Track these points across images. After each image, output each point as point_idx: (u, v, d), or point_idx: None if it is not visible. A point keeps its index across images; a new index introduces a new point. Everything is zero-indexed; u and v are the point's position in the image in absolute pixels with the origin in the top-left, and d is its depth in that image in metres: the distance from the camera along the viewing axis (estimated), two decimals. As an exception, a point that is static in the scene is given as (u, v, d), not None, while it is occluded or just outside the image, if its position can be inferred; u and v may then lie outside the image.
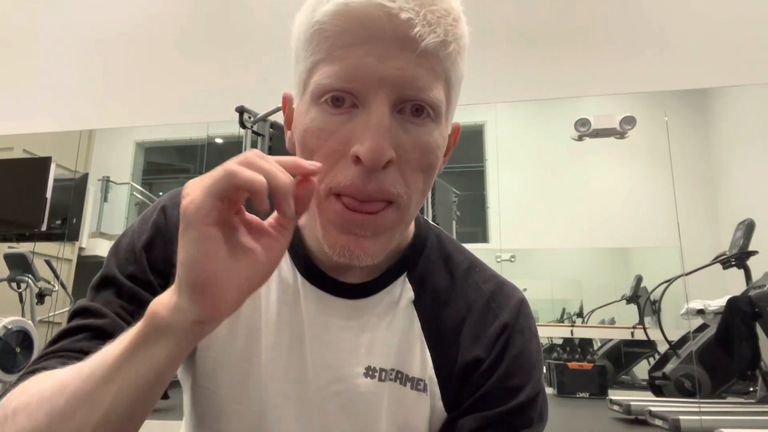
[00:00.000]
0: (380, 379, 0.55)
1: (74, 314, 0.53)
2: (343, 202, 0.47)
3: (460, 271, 0.60)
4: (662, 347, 4.28)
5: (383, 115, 0.45)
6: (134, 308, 0.53)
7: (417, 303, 0.57)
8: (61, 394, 0.39)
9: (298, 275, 0.57)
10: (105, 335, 0.50)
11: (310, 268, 0.56)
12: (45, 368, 0.48)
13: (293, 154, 0.52)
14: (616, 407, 3.65)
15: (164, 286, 0.54)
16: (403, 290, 0.57)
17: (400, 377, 0.55)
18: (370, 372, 0.55)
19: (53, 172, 3.26)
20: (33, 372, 0.48)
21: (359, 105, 0.46)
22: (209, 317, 0.39)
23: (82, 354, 0.49)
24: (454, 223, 3.82)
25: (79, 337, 0.51)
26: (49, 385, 0.41)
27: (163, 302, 0.39)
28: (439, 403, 0.56)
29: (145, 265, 0.54)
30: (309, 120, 0.48)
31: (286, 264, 0.57)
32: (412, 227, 0.61)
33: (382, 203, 0.47)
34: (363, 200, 0.46)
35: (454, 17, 0.47)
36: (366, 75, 0.45)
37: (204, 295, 0.38)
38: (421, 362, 0.56)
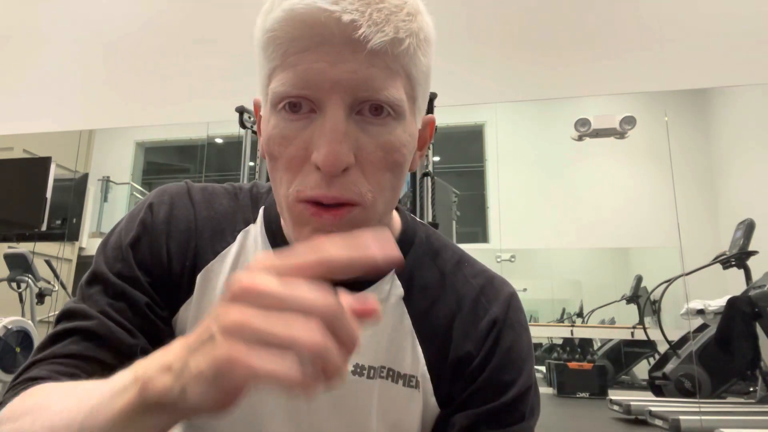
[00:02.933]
0: (369, 377, 0.55)
1: (62, 317, 0.52)
2: (312, 204, 0.47)
3: (449, 267, 0.60)
4: (662, 347, 4.28)
5: (338, 120, 0.45)
6: (122, 305, 0.52)
7: (407, 299, 0.57)
8: None
9: None
10: (93, 337, 0.50)
11: None
12: (37, 378, 0.47)
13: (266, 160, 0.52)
14: (616, 407, 3.65)
15: (151, 284, 0.54)
16: (392, 287, 0.57)
17: (391, 374, 0.55)
18: (358, 369, 0.54)
19: (53, 172, 3.26)
20: (25, 383, 0.47)
21: (316, 110, 0.46)
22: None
23: (71, 358, 0.49)
24: (454, 223, 3.81)
25: (68, 341, 0.50)
26: (38, 427, 0.39)
27: (161, 386, 0.32)
28: (432, 400, 0.55)
29: (131, 262, 0.54)
30: (271, 128, 0.48)
31: None
32: (398, 225, 0.61)
33: (348, 206, 0.47)
34: (329, 204, 0.47)
35: (408, 12, 0.46)
36: (319, 80, 0.45)
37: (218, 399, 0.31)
38: (413, 359, 0.56)
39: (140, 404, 0.33)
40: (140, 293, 0.53)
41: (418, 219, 0.65)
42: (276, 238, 0.57)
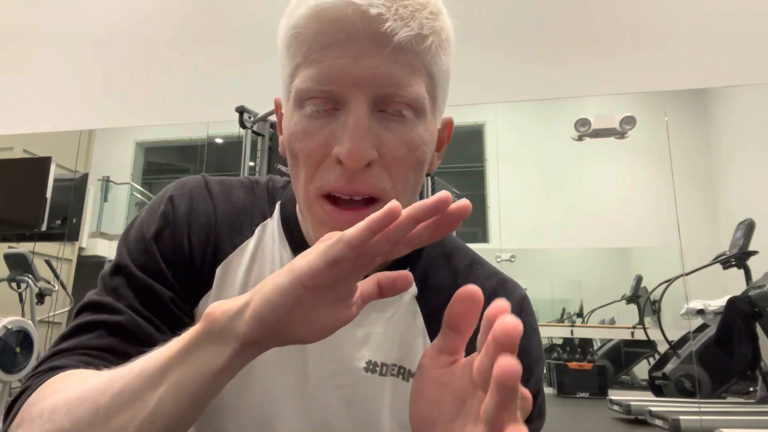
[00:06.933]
0: (381, 374, 0.55)
1: (85, 308, 0.52)
2: (332, 202, 0.47)
3: (461, 268, 0.60)
4: (662, 347, 4.28)
5: (362, 115, 0.45)
6: (148, 300, 0.52)
7: (420, 299, 0.57)
8: (106, 392, 0.39)
9: None
10: (122, 332, 0.49)
11: None
12: (65, 367, 0.46)
13: (286, 157, 0.52)
14: (616, 407, 3.65)
15: (174, 277, 0.53)
16: None
17: (403, 372, 0.55)
18: (371, 366, 0.55)
19: (53, 172, 3.26)
20: (51, 370, 0.46)
21: (339, 107, 0.46)
22: (262, 345, 0.39)
23: (101, 351, 0.48)
24: (454, 223, 3.80)
25: (96, 334, 0.49)
26: (93, 383, 0.40)
27: (224, 309, 0.38)
28: None
29: (156, 255, 0.53)
30: (293, 125, 0.48)
31: (287, 257, 0.57)
32: None
33: (369, 199, 0.48)
34: (349, 193, 0.46)
35: (431, 11, 0.47)
36: (342, 76, 0.45)
37: (266, 331, 0.37)
38: None
39: (202, 333, 0.38)
40: (165, 288, 0.53)
41: None
42: (293, 233, 0.57)
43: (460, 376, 0.39)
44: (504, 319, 0.29)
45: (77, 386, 0.41)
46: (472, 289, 0.38)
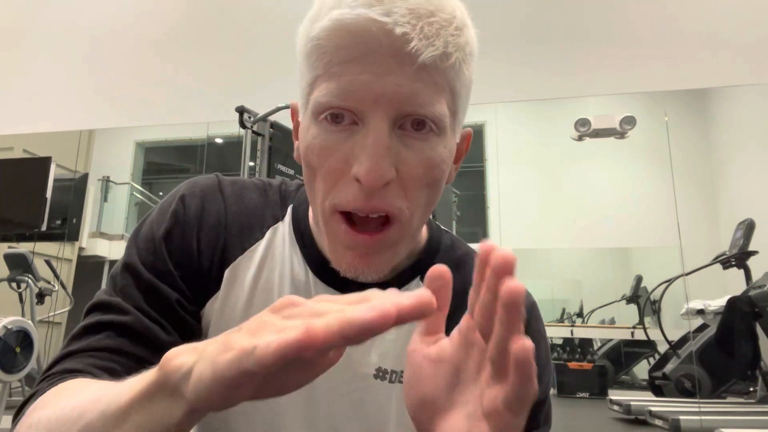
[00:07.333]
0: (390, 381, 0.54)
1: (94, 308, 0.52)
2: (347, 222, 0.47)
3: (471, 275, 0.60)
4: (662, 347, 4.28)
5: (382, 134, 0.44)
6: (155, 301, 0.52)
7: None
8: (76, 424, 0.38)
9: (310, 273, 0.56)
10: (129, 333, 0.50)
11: (321, 266, 0.55)
12: (74, 370, 0.47)
13: (301, 164, 0.52)
14: (616, 407, 3.65)
15: (182, 277, 0.53)
16: None
17: None
18: (380, 373, 0.55)
19: (53, 172, 3.26)
20: (60, 373, 0.47)
21: (359, 122, 0.46)
22: (215, 410, 0.35)
23: (109, 353, 0.49)
24: (454, 223, 3.81)
25: (104, 335, 0.49)
26: (69, 408, 0.40)
27: (176, 365, 0.33)
28: None
29: (165, 255, 0.53)
30: (311, 137, 0.48)
31: (298, 261, 0.57)
32: (424, 233, 0.60)
33: (383, 218, 0.47)
34: (367, 211, 0.46)
35: (457, 26, 0.46)
36: (363, 92, 0.44)
37: (211, 405, 0.33)
38: None
39: (156, 384, 0.34)
40: (172, 289, 0.53)
41: (442, 226, 0.65)
42: (304, 238, 0.57)
43: (450, 348, 0.39)
44: (497, 251, 0.32)
45: (61, 406, 0.41)
46: (440, 268, 0.38)
